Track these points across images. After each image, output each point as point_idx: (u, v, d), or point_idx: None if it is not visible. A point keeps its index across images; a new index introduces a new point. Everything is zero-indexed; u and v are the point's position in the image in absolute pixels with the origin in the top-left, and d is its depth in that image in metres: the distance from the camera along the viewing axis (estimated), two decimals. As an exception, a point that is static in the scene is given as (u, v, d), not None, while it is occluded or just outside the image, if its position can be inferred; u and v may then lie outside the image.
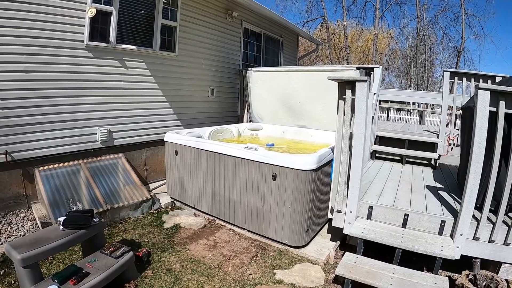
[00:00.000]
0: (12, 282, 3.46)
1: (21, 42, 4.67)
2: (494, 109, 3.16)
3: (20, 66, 4.70)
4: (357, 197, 3.93)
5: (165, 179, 6.27)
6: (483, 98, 3.14)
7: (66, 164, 5.32)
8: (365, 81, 3.61)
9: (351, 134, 3.86)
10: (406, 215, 3.82)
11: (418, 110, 18.04)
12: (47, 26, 4.90)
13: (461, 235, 3.47)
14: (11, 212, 4.88)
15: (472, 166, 3.25)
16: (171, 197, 6.04)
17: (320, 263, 4.16)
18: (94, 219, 3.57)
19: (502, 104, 3.12)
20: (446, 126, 6.18)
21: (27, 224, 4.71)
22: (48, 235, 3.26)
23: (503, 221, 3.35)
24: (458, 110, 6.39)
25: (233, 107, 9.32)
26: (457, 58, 25.90)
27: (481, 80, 5.57)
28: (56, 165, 5.20)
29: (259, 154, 4.43)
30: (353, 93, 3.71)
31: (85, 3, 5.25)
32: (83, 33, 5.32)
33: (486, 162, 3.25)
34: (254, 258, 4.23)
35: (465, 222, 3.43)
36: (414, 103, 17.73)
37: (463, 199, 3.39)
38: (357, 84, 3.65)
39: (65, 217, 3.43)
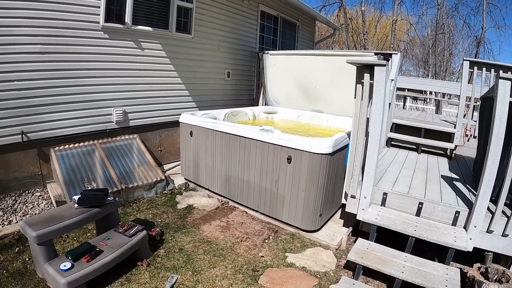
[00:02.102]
0: (27, 259, 3.52)
1: (37, 24, 4.67)
2: (515, 100, 3.08)
3: (36, 47, 4.71)
4: (372, 183, 3.90)
5: (179, 161, 6.31)
6: (504, 88, 3.06)
7: (81, 144, 5.37)
8: (384, 65, 3.54)
9: (368, 119, 3.82)
10: (421, 203, 3.79)
11: (435, 100, 17.78)
12: (63, 8, 4.90)
13: (475, 227, 3.43)
14: (27, 191, 4.96)
15: (489, 157, 3.19)
16: (185, 178, 6.08)
17: (332, 248, 4.16)
18: (109, 198, 3.62)
19: (524, 95, 3.04)
20: (464, 117, 6.07)
21: (42, 203, 4.78)
22: (62, 213, 3.31)
23: (518, 215, 3.30)
24: (476, 102, 6.27)
25: (249, 90, 9.28)
26: (477, 48, 25.46)
27: (501, 71, 5.39)
28: (71, 145, 5.26)
29: (275, 136, 4.40)
30: (372, 78, 3.65)
31: (101, -16, 5.24)
32: (98, 15, 5.30)
33: (504, 154, 3.19)
34: (266, 241, 4.25)
35: (479, 214, 3.38)
36: (431, 93, 17.48)
37: (478, 191, 3.34)
38: (376, 68, 3.58)
39: (80, 196, 3.48)
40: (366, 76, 3.70)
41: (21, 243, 3.79)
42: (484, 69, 5.65)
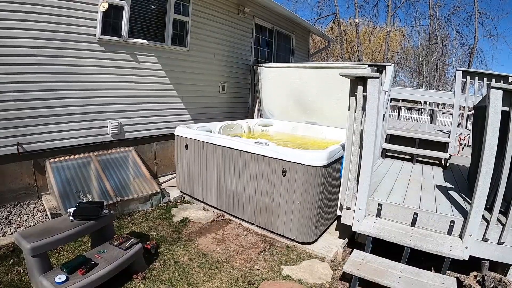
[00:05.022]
0: (21, 271, 3.50)
1: (34, 35, 4.70)
2: (507, 108, 3.10)
3: (32, 59, 4.74)
4: (366, 195, 3.91)
5: (174, 173, 6.30)
6: (496, 97, 3.10)
7: (77, 156, 5.37)
8: (377, 77, 3.58)
9: (361, 131, 3.84)
10: (416, 214, 3.80)
11: (429, 110, 17.90)
12: (60, 20, 4.94)
13: (470, 235, 3.43)
14: (22, 203, 4.94)
15: (483, 166, 3.21)
16: (180, 191, 6.06)
17: (328, 260, 4.15)
18: (104, 211, 3.62)
19: (515, 104, 3.07)
20: (458, 126, 6.12)
21: (37, 214, 4.76)
22: (58, 225, 3.30)
23: (514, 223, 3.32)
24: (470, 111, 6.32)
25: (244, 102, 9.33)
26: (470, 57, 25.68)
27: (493, 80, 5.49)
28: (67, 157, 5.25)
29: (270, 149, 4.42)
30: (365, 90, 3.68)
31: (98, -3, 5.28)
32: (95, 27, 5.35)
33: (497, 162, 3.21)
34: (262, 253, 4.24)
35: (474, 223, 3.39)
36: (425, 103, 17.61)
37: (473, 200, 3.35)
38: (369, 80, 3.62)
39: (75, 208, 3.47)
40: (360, 88, 3.74)
41: (15, 255, 3.76)
42: (476, 78, 5.72)
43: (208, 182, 5.38)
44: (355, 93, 3.81)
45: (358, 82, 3.76)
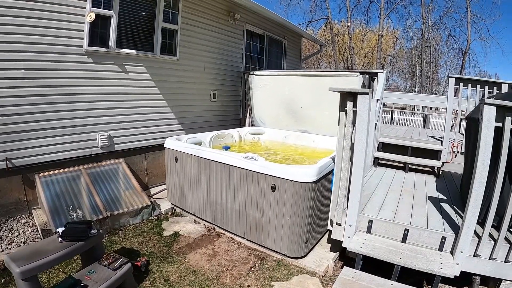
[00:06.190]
0: (12, 291, 3.45)
1: (20, 49, 4.64)
2: (500, 124, 3.09)
3: (19, 73, 4.68)
4: (357, 211, 3.88)
5: (165, 184, 6.25)
6: (489, 113, 3.07)
7: (66, 170, 5.30)
8: (367, 93, 3.54)
9: (352, 144, 3.79)
10: (406, 230, 3.77)
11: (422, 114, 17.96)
12: (46, 32, 4.88)
13: (461, 252, 3.42)
14: (12, 218, 4.89)
15: (475, 183, 3.19)
16: (171, 203, 6.01)
17: (319, 275, 4.11)
18: (92, 231, 3.55)
19: (508, 120, 3.04)
20: (451, 129, 6.11)
21: (28, 230, 4.70)
22: (47, 246, 3.25)
23: (505, 238, 3.30)
24: (464, 112, 6.30)
25: (235, 110, 9.29)
26: (462, 60, 25.86)
27: (486, 87, 5.50)
28: (56, 171, 5.19)
29: (259, 164, 4.37)
30: (355, 105, 3.64)
31: (84, 8, 5.22)
32: (82, 38, 5.28)
33: (490, 176, 3.20)
34: (253, 269, 4.20)
35: (466, 240, 3.37)
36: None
37: (464, 216, 3.33)
38: (359, 96, 3.58)
39: (64, 229, 3.41)
40: (349, 103, 3.68)
41: (7, 274, 3.70)
42: (469, 85, 5.72)
43: (198, 195, 5.33)
44: (345, 108, 3.76)
45: (348, 97, 3.71)
